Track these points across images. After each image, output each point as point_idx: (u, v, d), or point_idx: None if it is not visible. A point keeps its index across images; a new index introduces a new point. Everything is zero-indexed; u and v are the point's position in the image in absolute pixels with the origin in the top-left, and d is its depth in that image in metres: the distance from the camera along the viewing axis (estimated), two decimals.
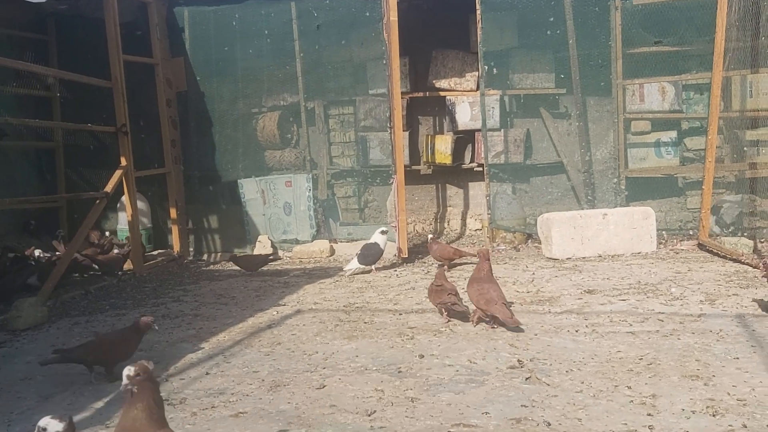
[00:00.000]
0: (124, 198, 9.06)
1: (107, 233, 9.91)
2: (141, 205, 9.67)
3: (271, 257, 9.04)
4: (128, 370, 2.92)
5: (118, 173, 8.71)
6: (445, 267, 7.69)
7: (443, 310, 5.72)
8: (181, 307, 6.89)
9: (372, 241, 8.15)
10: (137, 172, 9.17)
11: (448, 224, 10.92)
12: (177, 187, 10.05)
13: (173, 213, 9.98)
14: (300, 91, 10.01)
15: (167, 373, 4.81)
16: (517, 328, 5.29)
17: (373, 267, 8.12)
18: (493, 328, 5.37)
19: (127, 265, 8.89)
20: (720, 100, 8.37)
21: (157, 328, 4.97)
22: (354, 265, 8.00)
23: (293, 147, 10.33)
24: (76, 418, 4.08)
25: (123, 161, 8.84)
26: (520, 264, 8.12)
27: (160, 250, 10.21)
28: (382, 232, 8.13)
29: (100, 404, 4.30)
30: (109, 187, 8.56)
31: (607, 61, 9.19)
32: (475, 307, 5.53)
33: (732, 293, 6.12)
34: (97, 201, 8.46)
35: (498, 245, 9.28)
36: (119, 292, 7.87)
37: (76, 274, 8.44)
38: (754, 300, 5.79)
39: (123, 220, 9.70)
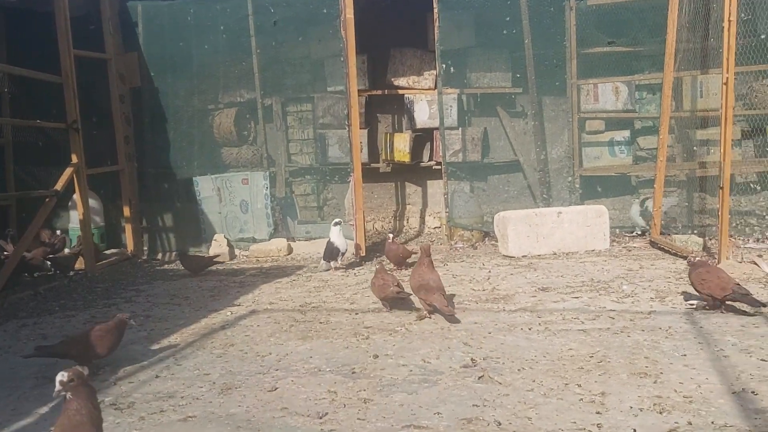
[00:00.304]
0: (76, 196, 8.85)
1: (58, 231, 9.65)
2: (93, 203, 9.46)
3: (216, 258, 8.78)
4: (61, 376, 2.84)
5: (68, 171, 8.50)
6: (383, 263, 7.73)
7: (387, 304, 5.99)
8: (133, 307, 6.76)
9: (328, 238, 8.18)
10: (89, 170, 8.97)
11: (407, 222, 10.93)
12: (130, 184, 9.86)
13: (127, 211, 9.78)
14: (257, 87, 9.91)
15: (116, 376, 4.71)
16: (452, 318, 5.46)
17: (332, 264, 8.09)
18: (430, 316, 5.59)
19: (80, 265, 8.69)
20: (671, 100, 8.54)
21: (134, 323, 5.00)
22: (322, 261, 8.16)
23: (250, 144, 10.23)
24: (20, 423, 3.99)
25: (74, 158, 8.63)
26: (477, 262, 8.17)
27: (113, 250, 10.00)
28: (335, 224, 8.14)
29: (45, 409, 4.18)
30: (59, 185, 8.35)
31: (562, 61, 9.31)
32: (418, 299, 5.79)
33: (681, 290, 6.23)
34: (47, 199, 8.25)
35: (456, 243, 9.33)
36: (70, 292, 7.69)
37: (26, 274, 8.20)
38: (680, 294, 5.98)
39: (75, 218, 9.46)
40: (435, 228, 10.61)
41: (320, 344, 5.18)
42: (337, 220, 8.28)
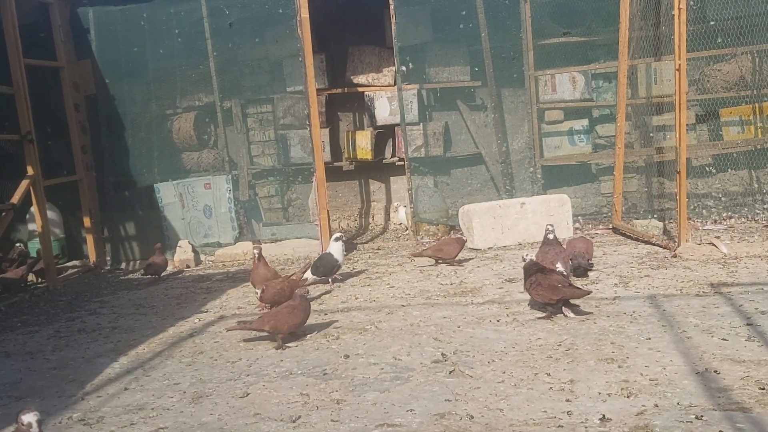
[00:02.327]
0: (33, 208, 8.66)
1: (18, 244, 9.43)
2: (52, 215, 9.25)
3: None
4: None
5: (24, 183, 8.31)
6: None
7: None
8: (98, 319, 6.65)
9: (327, 251, 7.18)
10: (46, 181, 8.78)
11: (372, 219, 10.93)
12: (90, 194, 9.67)
13: (87, 222, 9.59)
14: (215, 90, 9.81)
15: (83, 391, 4.63)
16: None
17: (330, 280, 7.10)
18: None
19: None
20: (627, 88, 8.68)
21: (308, 294, 5.42)
22: (308, 275, 6.96)
23: (211, 148, 10.13)
24: None
25: (30, 170, 8.43)
26: None
27: (75, 261, 9.81)
28: (336, 239, 7.09)
29: (11, 429, 4.08)
30: (15, 198, 8.17)
31: (519, 53, 9.40)
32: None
33: (644, 274, 6.36)
34: (4, 213, 8.07)
35: (422, 238, 9.36)
36: (32, 307, 7.52)
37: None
38: (642, 278, 6.07)
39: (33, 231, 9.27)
40: (400, 224, 10.63)
41: (290, 347, 5.16)
42: (337, 234, 7.20)
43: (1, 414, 4.34)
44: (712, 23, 8.23)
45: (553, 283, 5.19)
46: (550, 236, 6.26)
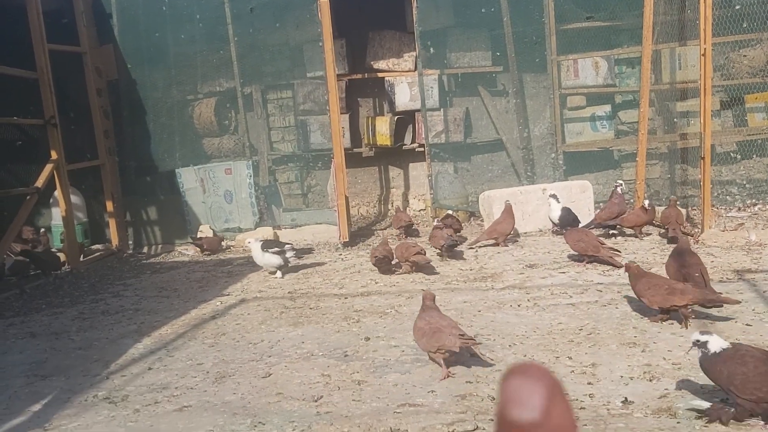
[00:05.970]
0: (57, 192, 8.76)
1: (42, 230, 9.55)
2: (75, 199, 9.35)
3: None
4: None
5: (48, 167, 8.40)
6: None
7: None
8: (122, 302, 6.72)
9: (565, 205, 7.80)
10: (69, 165, 8.86)
11: (391, 205, 10.92)
12: (112, 178, 9.74)
13: (110, 206, 9.67)
14: (236, 76, 9.82)
15: (108, 370, 4.70)
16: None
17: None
18: None
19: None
20: (650, 73, 8.56)
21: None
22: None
23: (232, 133, 10.16)
24: (14, 422, 3.98)
25: (53, 155, 8.52)
26: (463, 242, 8.19)
27: (98, 245, 9.92)
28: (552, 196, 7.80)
29: (37, 407, 4.17)
30: (39, 182, 8.25)
31: (541, 37, 9.30)
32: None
33: (665, 260, 6.29)
34: (28, 197, 8.16)
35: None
36: (56, 290, 7.61)
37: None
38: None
39: (57, 215, 9.37)
40: (420, 210, 10.61)
41: (311, 329, 5.19)
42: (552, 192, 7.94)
43: (28, 392, 4.42)
44: (737, 7, 8.09)
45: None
46: (619, 190, 7.71)
